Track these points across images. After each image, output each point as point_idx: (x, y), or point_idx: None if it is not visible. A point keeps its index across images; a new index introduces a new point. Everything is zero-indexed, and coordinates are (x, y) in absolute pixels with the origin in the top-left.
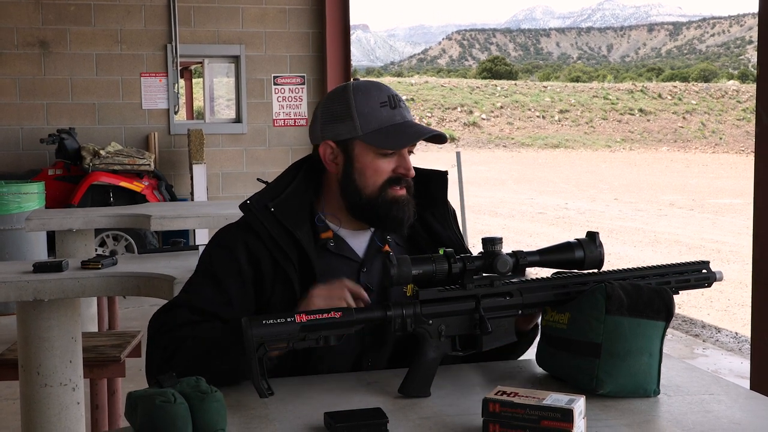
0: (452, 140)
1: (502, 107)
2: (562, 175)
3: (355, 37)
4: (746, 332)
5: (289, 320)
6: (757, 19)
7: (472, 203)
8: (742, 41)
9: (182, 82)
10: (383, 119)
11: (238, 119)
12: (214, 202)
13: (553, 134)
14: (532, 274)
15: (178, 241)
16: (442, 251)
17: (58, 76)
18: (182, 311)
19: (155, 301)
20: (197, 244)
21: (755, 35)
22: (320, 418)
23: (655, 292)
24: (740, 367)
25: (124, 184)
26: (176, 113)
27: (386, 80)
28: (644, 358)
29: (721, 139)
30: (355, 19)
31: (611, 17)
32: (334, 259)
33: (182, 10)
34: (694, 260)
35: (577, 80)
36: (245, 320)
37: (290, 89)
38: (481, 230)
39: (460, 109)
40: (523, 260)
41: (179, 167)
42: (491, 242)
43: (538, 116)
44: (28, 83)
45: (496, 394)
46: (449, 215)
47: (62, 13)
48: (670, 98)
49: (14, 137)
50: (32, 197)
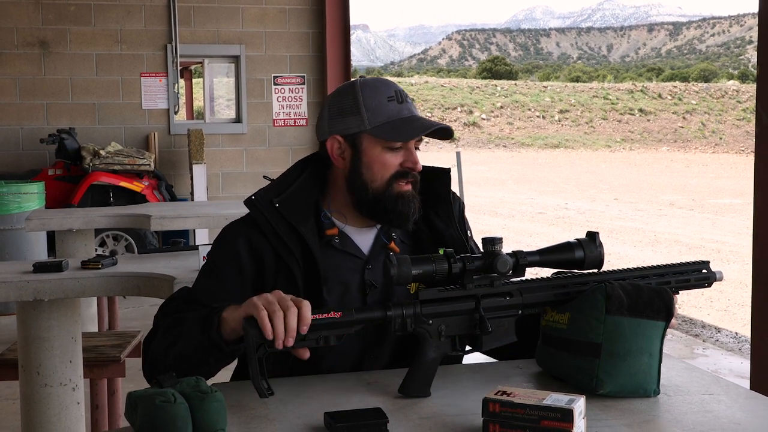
0: (452, 140)
1: (502, 107)
2: (562, 175)
3: (355, 37)
4: (746, 332)
5: None
6: (757, 19)
7: (472, 203)
8: (742, 41)
9: (182, 82)
10: (391, 113)
11: (238, 119)
12: (214, 202)
13: (553, 134)
14: (531, 274)
15: (178, 241)
16: (442, 251)
17: (58, 76)
18: (177, 302)
19: (155, 301)
20: (197, 244)
21: (755, 35)
22: (320, 418)
23: (655, 292)
24: (740, 367)
25: (124, 184)
26: (176, 113)
27: None
28: (644, 358)
29: (721, 139)
30: (355, 19)
31: (611, 17)
32: (338, 255)
33: (182, 10)
34: (694, 260)
35: (577, 80)
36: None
37: (290, 89)
38: (481, 230)
39: (460, 109)
40: (523, 260)
41: (179, 167)
42: (491, 242)
43: (538, 116)
44: (28, 83)
45: (496, 394)
46: (453, 212)
47: (62, 13)
48: (670, 98)
49: (14, 137)
50: (32, 197)
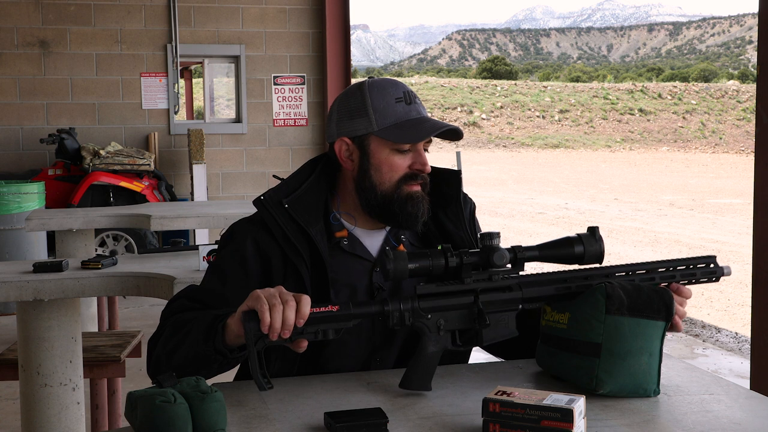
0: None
1: (502, 107)
2: (562, 175)
3: (355, 37)
4: (746, 332)
5: None
6: (757, 19)
7: None
8: (742, 41)
9: (182, 82)
10: (399, 114)
11: (238, 119)
12: (214, 202)
13: (553, 134)
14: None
15: (178, 241)
16: (440, 247)
17: (58, 76)
18: (182, 300)
19: (155, 301)
20: (197, 244)
21: (755, 35)
22: (320, 418)
23: (655, 292)
24: (740, 367)
25: (124, 184)
26: (176, 113)
27: None
28: (644, 358)
29: (721, 139)
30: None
31: (611, 17)
32: (347, 257)
33: (182, 10)
34: (700, 255)
35: (577, 80)
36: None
37: (290, 89)
38: (481, 230)
39: (460, 109)
40: (521, 255)
41: (179, 167)
42: (489, 237)
43: (538, 116)
44: (28, 83)
45: (496, 394)
46: (462, 214)
47: (62, 13)
48: (670, 98)
49: (14, 137)
50: (32, 197)
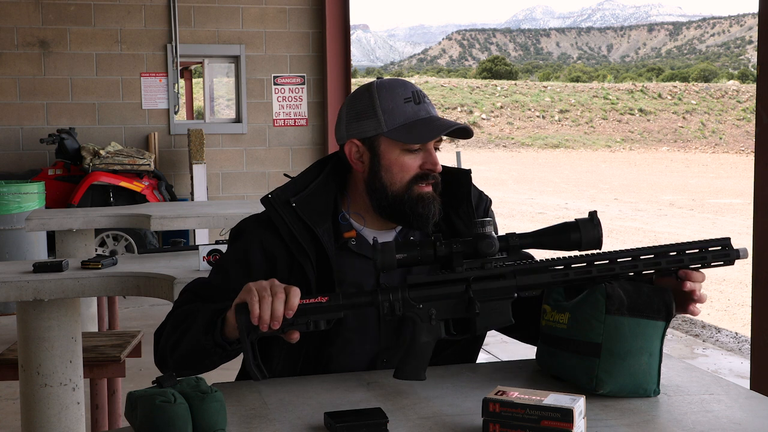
0: (452, 140)
1: (502, 107)
2: (562, 175)
3: (355, 37)
4: (746, 332)
5: None
6: (757, 19)
7: None
8: (742, 41)
9: (182, 82)
10: (408, 115)
11: (238, 119)
12: (214, 202)
13: (553, 134)
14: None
15: (178, 241)
16: (432, 236)
17: (58, 76)
18: (188, 294)
19: (155, 301)
20: (197, 244)
21: (755, 35)
22: (320, 418)
23: (655, 291)
24: (740, 367)
25: (124, 184)
26: (176, 113)
27: None
28: (644, 357)
29: (721, 139)
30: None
31: (611, 17)
32: (354, 257)
33: (182, 10)
34: (714, 237)
35: (577, 80)
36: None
37: (290, 89)
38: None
39: (460, 109)
40: (514, 242)
41: (179, 167)
42: (481, 224)
43: (538, 116)
44: (28, 83)
45: (496, 394)
46: (474, 213)
47: (62, 13)
48: (670, 98)
49: (14, 137)
50: (32, 197)
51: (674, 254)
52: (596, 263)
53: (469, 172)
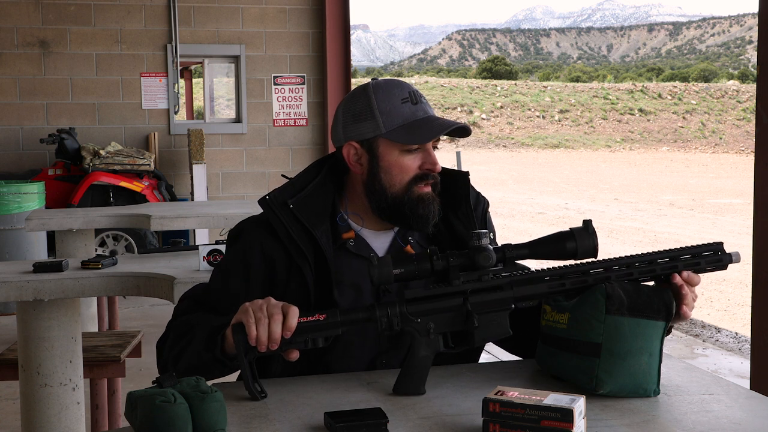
0: (452, 140)
1: (502, 107)
2: (562, 175)
3: (355, 37)
4: (746, 332)
5: None
6: (757, 19)
7: None
8: (742, 41)
9: (182, 82)
10: (406, 115)
11: (238, 119)
12: (214, 202)
13: (553, 134)
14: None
15: (178, 241)
16: (428, 250)
17: (58, 76)
18: (189, 302)
19: (155, 301)
20: (197, 244)
21: (755, 35)
22: (320, 418)
23: (655, 291)
24: (740, 367)
25: (124, 184)
26: (176, 113)
27: None
28: (644, 357)
29: (721, 139)
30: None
31: (611, 17)
32: (353, 259)
33: (182, 10)
34: (706, 243)
35: (577, 80)
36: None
37: (290, 89)
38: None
39: (460, 109)
40: (510, 253)
41: (179, 167)
42: (477, 237)
43: (538, 116)
44: (28, 83)
45: (496, 394)
46: (473, 214)
47: (62, 13)
48: (670, 98)
49: (14, 137)
50: (32, 197)
51: (668, 261)
52: (592, 271)
53: (467, 174)
